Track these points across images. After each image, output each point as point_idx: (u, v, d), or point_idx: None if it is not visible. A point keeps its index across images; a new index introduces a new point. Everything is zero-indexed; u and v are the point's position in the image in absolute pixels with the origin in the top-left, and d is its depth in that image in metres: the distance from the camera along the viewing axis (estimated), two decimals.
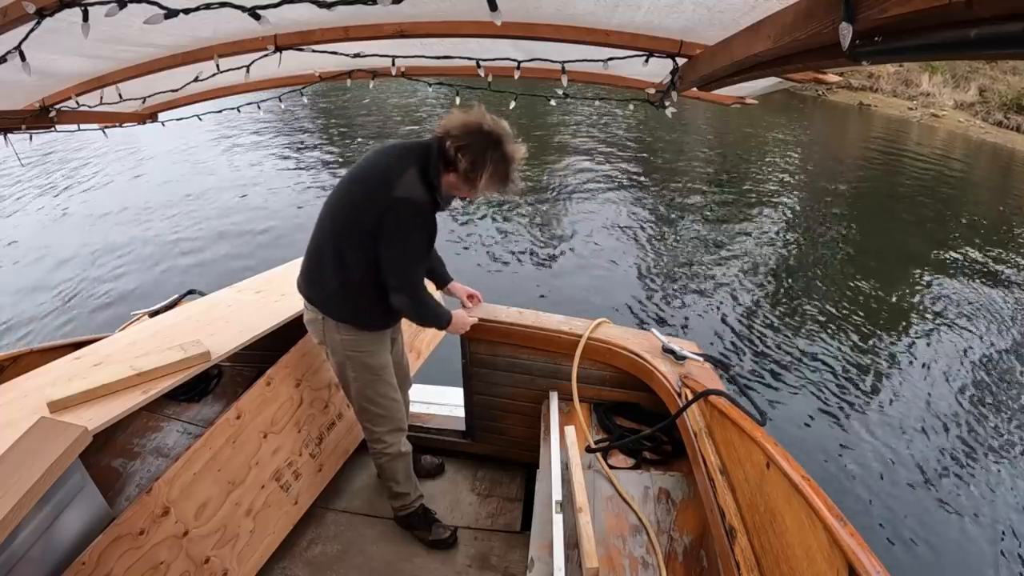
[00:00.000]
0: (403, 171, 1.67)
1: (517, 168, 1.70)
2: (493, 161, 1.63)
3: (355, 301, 1.83)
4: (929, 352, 5.26)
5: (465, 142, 1.62)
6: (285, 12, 1.23)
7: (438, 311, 1.91)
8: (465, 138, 1.62)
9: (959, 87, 15.45)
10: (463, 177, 1.66)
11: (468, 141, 1.62)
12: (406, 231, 1.68)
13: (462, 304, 2.22)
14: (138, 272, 6.18)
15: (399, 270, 1.74)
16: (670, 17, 1.33)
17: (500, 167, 1.65)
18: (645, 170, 9.82)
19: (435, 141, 1.69)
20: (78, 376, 1.72)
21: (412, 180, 1.67)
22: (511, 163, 1.66)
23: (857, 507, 3.53)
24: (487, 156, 1.62)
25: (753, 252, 6.96)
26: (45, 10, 1.05)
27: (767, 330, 5.39)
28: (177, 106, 2.75)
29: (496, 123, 1.65)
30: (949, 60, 4.12)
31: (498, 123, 1.66)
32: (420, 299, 1.82)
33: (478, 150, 1.62)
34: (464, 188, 1.71)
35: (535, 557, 1.57)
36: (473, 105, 1.70)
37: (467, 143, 1.62)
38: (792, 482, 1.22)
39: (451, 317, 1.95)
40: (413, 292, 1.79)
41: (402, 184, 1.65)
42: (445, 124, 1.67)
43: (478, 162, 1.62)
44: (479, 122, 1.63)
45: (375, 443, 2.09)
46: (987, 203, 9.69)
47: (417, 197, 1.67)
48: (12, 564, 1.33)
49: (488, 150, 1.62)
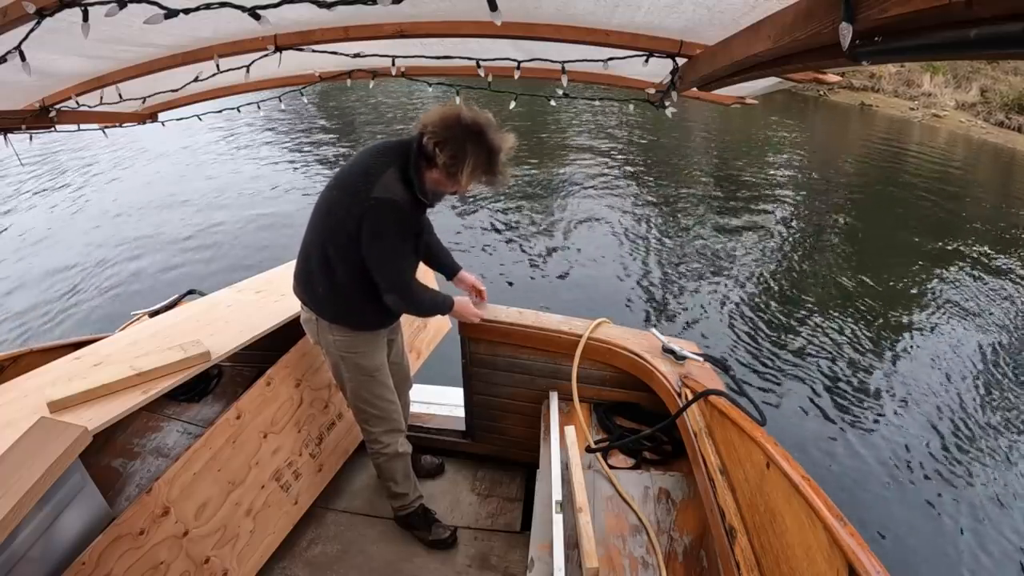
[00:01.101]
0: (382, 172, 1.64)
1: (504, 159, 1.63)
2: (474, 153, 1.57)
3: (346, 302, 1.82)
4: (931, 353, 5.25)
5: (443, 136, 1.57)
6: (285, 12, 1.22)
7: (436, 299, 1.90)
8: (443, 132, 1.57)
9: (960, 87, 15.44)
10: (445, 172, 1.61)
11: (446, 135, 1.57)
12: (387, 232, 1.65)
13: (470, 295, 2.20)
14: (138, 272, 6.18)
15: (385, 271, 1.72)
16: (670, 17, 1.33)
17: (482, 158, 1.58)
18: (646, 170, 9.83)
19: (415, 138, 1.65)
20: (78, 376, 1.72)
21: (391, 180, 1.64)
22: (495, 154, 1.60)
23: (857, 507, 3.52)
24: (467, 149, 1.56)
25: (754, 252, 6.97)
26: (45, 10, 1.05)
27: (767, 330, 5.39)
28: (177, 106, 2.75)
29: (476, 114, 1.59)
30: (949, 60, 4.12)
31: (479, 114, 1.59)
32: (412, 296, 1.80)
33: (457, 143, 1.56)
34: (448, 183, 1.65)
35: (535, 557, 1.57)
36: (464, 101, 1.67)
37: (445, 137, 1.57)
38: (792, 482, 1.22)
39: (453, 302, 1.94)
40: (403, 291, 1.77)
41: (380, 184, 1.62)
42: (423, 119, 1.62)
43: (458, 155, 1.57)
44: (456, 114, 1.58)
45: (372, 443, 2.08)
46: (989, 203, 9.68)
47: (396, 197, 1.63)
48: (12, 564, 1.33)
49: (467, 142, 1.56)
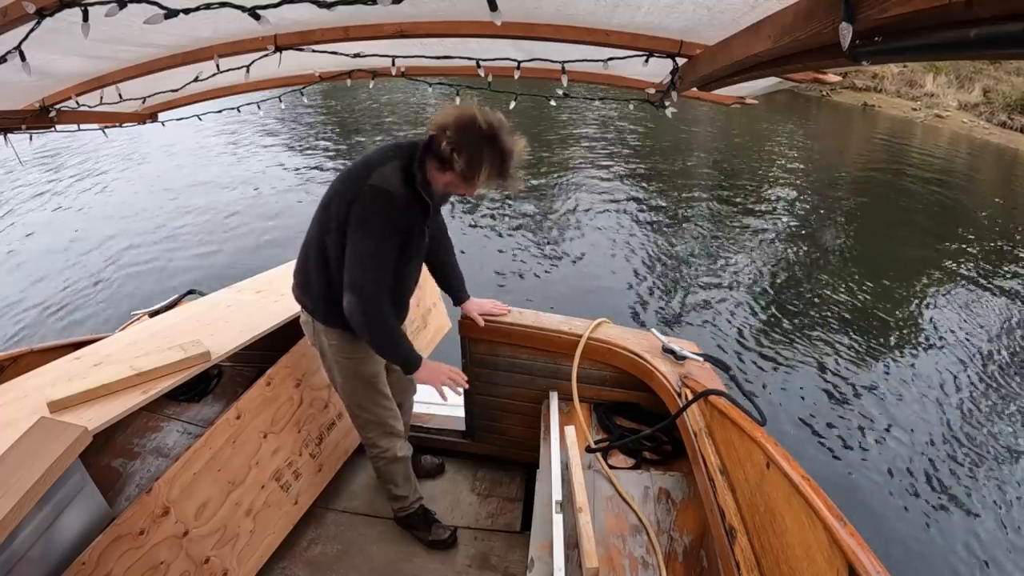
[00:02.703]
0: (384, 164, 1.63)
1: (516, 162, 1.60)
2: (490, 158, 1.54)
3: (340, 303, 1.71)
4: (932, 353, 5.25)
5: (459, 140, 1.53)
6: (285, 12, 1.22)
7: (397, 340, 1.72)
8: (459, 136, 1.53)
9: (963, 88, 15.41)
10: (460, 176, 1.58)
11: (462, 138, 1.53)
12: (372, 222, 1.60)
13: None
14: (138, 272, 6.18)
15: (353, 263, 1.61)
16: (670, 17, 1.33)
17: (497, 163, 1.56)
18: (648, 170, 9.82)
19: (427, 139, 1.63)
20: (78, 376, 1.72)
21: (390, 171, 1.61)
22: (509, 158, 1.57)
23: (857, 507, 3.52)
24: (483, 153, 1.53)
25: (755, 252, 6.96)
26: (45, 10, 1.05)
27: (768, 330, 5.39)
28: (177, 106, 2.75)
29: (490, 116, 1.56)
30: (949, 60, 4.12)
31: (492, 116, 1.56)
32: (371, 311, 1.64)
33: (474, 148, 1.53)
34: (462, 186, 1.63)
35: (535, 557, 1.57)
36: (467, 98, 1.64)
37: (461, 141, 1.53)
38: (792, 482, 1.22)
39: (419, 361, 1.73)
40: (362, 297, 1.62)
41: (377, 174, 1.60)
42: (438, 121, 1.58)
43: (474, 160, 1.53)
44: (472, 117, 1.54)
45: (370, 447, 2.07)
46: (991, 204, 9.67)
47: (390, 188, 1.60)
48: (12, 564, 1.33)
49: (484, 147, 1.53)
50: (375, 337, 1.71)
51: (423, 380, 1.78)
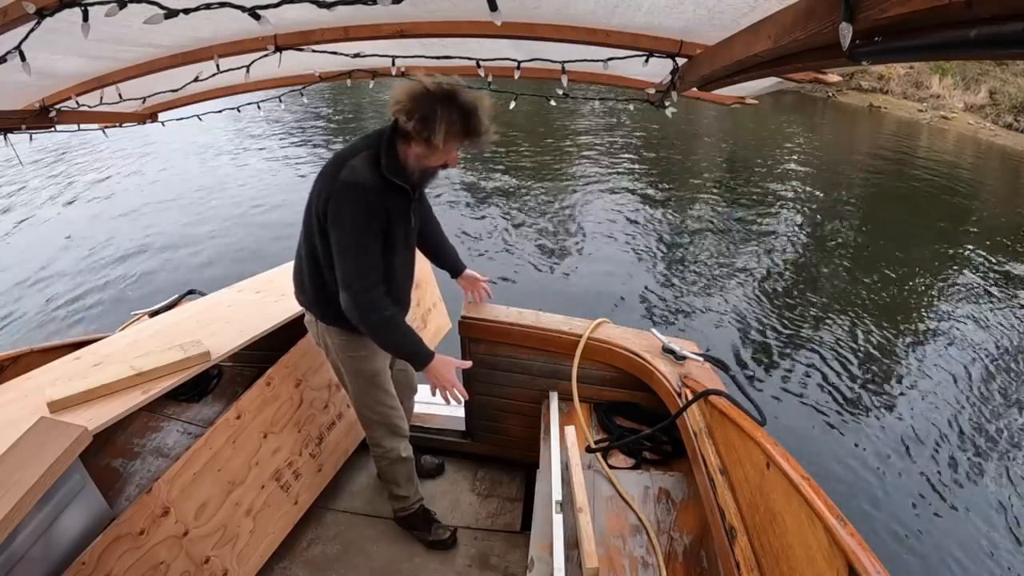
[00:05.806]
0: (353, 156, 1.62)
1: (485, 117, 1.56)
2: (446, 116, 1.51)
3: (335, 302, 1.72)
4: (934, 353, 5.24)
5: (411, 106, 1.52)
6: (285, 12, 1.22)
7: (398, 332, 1.69)
8: (410, 103, 1.52)
9: (969, 89, 15.32)
10: (421, 142, 1.55)
11: (413, 105, 1.52)
12: (347, 218, 1.58)
13: (465, 295, 2.18)
14: (138, 272, 6.18)
15: (341, 262, 1.61)
16: (670, 17, 1.33)
17: (455, 118, 1.53)
18: (650, 169, 9.82)
19: (392, 122, 1.61)
20: (78, 376, 1.72)
21: (359, 163, 1.61)
22: (471, 113, 1.54)
23: (857, 507, 3.52)
24: (437, 112, 1.51)
25: (757, 252, 6.96)
26: (45, 10, 1.05)
27: (769, 330, 5.38)
28: (177, 106, 2.75)
29: (443, 82, 1.54)
30: (949, 60, 4.11)
31: (446, 82, 1.54)
32: (363, 303, 1.62)
33: (427, 109, 1.51)
34: (429, 153, 1.59)
35: (535, 557, 1.57)
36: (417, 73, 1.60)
37: (413, 106, 1.52)
38: (792, 482, 1.22)
39: (429, 356, 1.71)
40: (351, 291, 1.61)
41: (348, 167, 1.60)
42: (393, 98, 1.56)
43: (429, 119, 1.51)
44: (422, 84, 1.53)
45: (375, 447, 2.08)
46: (997, 205, 9.64)
47: (360, 179, 1.58)
48: (12, 564, 1.33)
49: (437, 106, 1.51)
50: (373, 330, 1.69)
51: (434, 375, 1.73)
